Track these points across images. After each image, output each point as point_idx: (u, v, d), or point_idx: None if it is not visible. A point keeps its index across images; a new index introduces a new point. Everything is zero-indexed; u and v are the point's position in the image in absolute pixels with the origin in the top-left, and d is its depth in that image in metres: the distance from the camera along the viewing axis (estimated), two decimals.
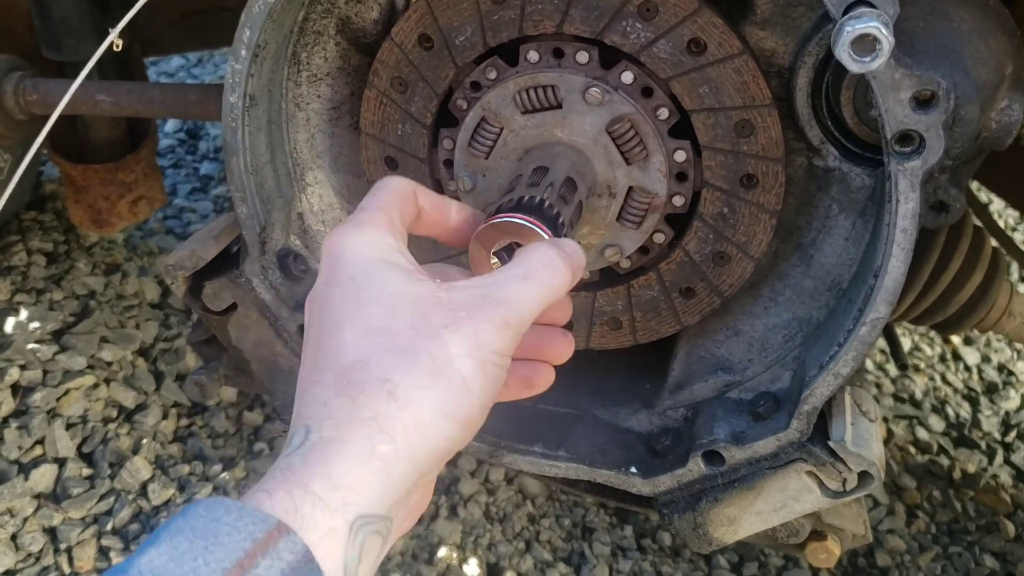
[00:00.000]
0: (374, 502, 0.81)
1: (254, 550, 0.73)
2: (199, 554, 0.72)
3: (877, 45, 0.96)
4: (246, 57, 1.25)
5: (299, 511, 0.78)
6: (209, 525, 0.74)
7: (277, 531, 0.75)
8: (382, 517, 0.82)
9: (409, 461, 0.84)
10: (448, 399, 0.86)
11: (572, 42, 1.26)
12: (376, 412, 0.84)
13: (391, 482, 0.83)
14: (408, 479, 0.84)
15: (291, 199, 1.46)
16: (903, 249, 1.11)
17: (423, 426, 0.85)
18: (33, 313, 2.41)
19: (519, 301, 0.92)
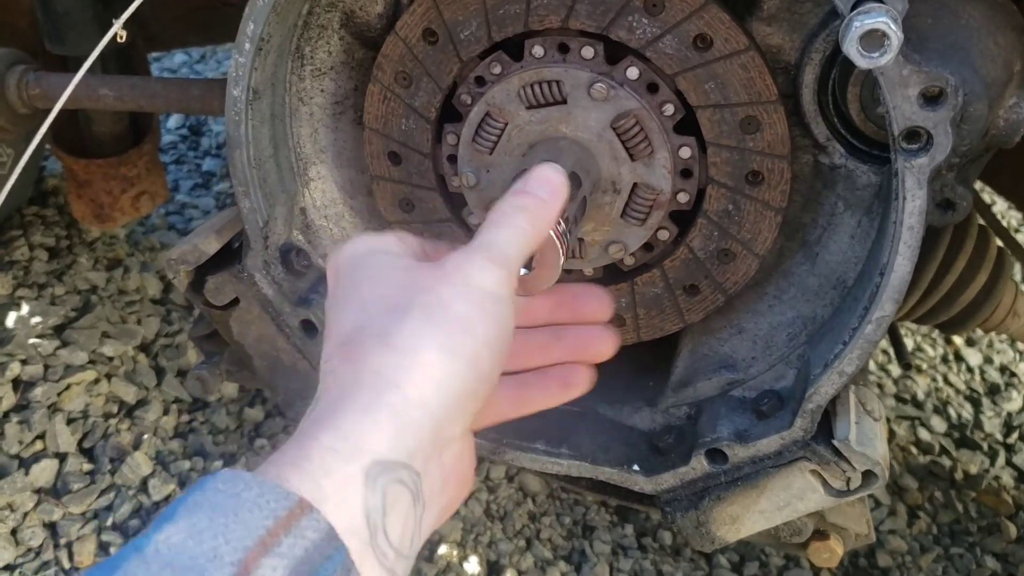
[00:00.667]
0: (391, 448, 0.80)
1: (276, 528, 0.71)
2: (219, 532, 0.70)
3: (886, 40, 0.95)
4: (250, 50, 1.24)
5: (311, 461, 0.77)
6: (229, 501, 0.72)
7: (299, 508, 0.72)
8: (403, 465, 0.80)
9: (421, 406, 0.83)
10: (448, 338, 0.86)
11: (577, 37, 1.25)
12: (378, 365, 0.84)
13: (405, 427, 0.81)
14: (424, 424, 0.83)
15: (294, 194, 1.45)
16: (909, 247, 1.10)
17: (428, 368, 0.84)
18: (35, 308, 2.40)
19: (497, 243, 0.94)
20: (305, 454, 0.77)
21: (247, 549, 0.69)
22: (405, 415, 0.82)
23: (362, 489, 0.76)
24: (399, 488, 0.79)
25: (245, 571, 0.68)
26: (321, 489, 0.75)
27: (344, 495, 0.76)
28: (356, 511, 0.76)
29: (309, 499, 0.73)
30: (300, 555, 0.70)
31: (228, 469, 0.75)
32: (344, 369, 0.86)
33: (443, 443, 0.86)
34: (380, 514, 0.77)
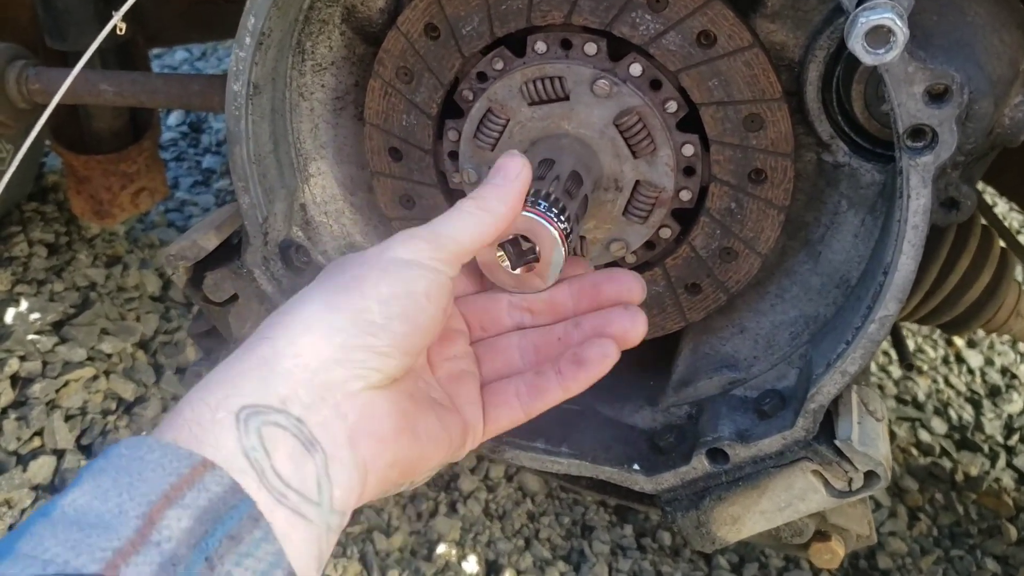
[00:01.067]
0: (258, 393, 0.81)
1: (180, 483, 0.72)
2: (123, 490, 0.71)
3: (891, 37, 0.94)
4: (250, 45, 1.23)
5: (182, 415, 0.79)
6: (132, 464, 0.74)
7: (203, 466, 0.74)
8: (275, 409, 0.81)
9: (292, 357, 0.84)
10: (333, 295, 0.89)
11: (580, 33, 1.24)
12: (262, 327, 0.90)
13: (274, 374, 0.83)
14: (295, 372, 0.84)
15: (294, 190, 1.45)
16: (914, 246, 1.09)
17: (305, 319, 0.87)
18: (33, 304, 2.40)
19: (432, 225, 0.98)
20: (178, 410, 0.80)
21: (151, 503, 0.71)
22: (275, 364, 0.83)
23: (235, 431, 0.78)
24: (276, 430, 0.80)
25: (150, 523, 0.70)
26: (196, 437, 0.77)
27: (218, 438, 0.77)
28: (234, 450, 0.77)
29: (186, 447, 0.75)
30: (204, 505, 0.72)
31: (132, 436, 0.77)
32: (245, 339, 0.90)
33: (335, 395, 0.86)
34: (262, 453, 0.78)
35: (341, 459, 0.85)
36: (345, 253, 1.51)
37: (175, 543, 0.70)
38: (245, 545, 0.73)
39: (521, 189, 1.04)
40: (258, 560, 0.73)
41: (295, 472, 0.80)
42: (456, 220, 0.99)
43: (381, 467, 0.90)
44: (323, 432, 0.83)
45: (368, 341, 0.88)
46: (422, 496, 2.21)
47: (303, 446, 0.81)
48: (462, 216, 1.00)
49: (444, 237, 0.97)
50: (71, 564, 0.66)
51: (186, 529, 0.71)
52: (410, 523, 2.14)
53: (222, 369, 0.85)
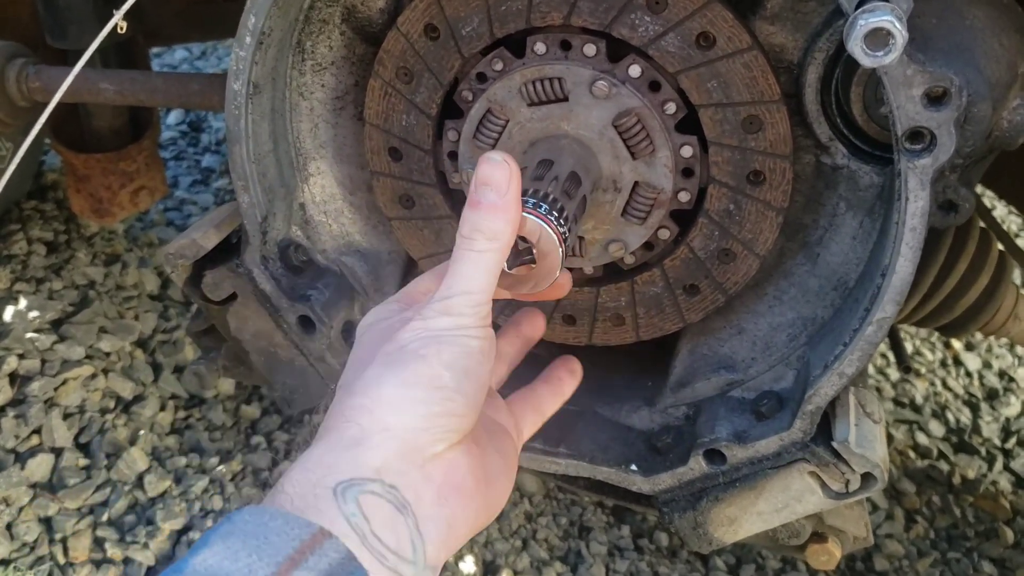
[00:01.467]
0: (353, 470, 0.88)
1: (303, 548, 0.79)
2: (252, 552, 0.78)
3: (891, 39, 0.95)
4: (250, 44, 1.24)
5: (284, 492, 0.86)
6: (258, 529, 0.80)
7: (321, 534, 0.81)
8: (369, 480, 0.88)
9: (382, 432, 0.92)
10: (402, 373, 0.96)
11: (580, 34, 1.24)
12: (342, 409, 0.96)
13: (367, 451, 0.90)
14: (385, 444, 0.91)
15: (293, 189, 1.45)
16: (912, 248, 1.09)
17: (386, 400, 0.94)
18: (32, 302, 2.39)
19: (459, 280, 1.01)
20: (281, 489, 0.88)
21: (278, 563, 0.78)
22: (366, 442, 0.91)
23: (333, 501, 0.85)
24: (372, 498, 0.87)
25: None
26: (299, 509, 0.84)
27: (319, 509, 0.85)
28: (335, 517, 0.84)
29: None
30: (326, 568, 0.79)
31: (253, 505, 0.84)
32: (324, 423, 0.97)
33: (422, 459, 0.93)
34: (361, 519, 0.85)
35: (431, 517, 0.92)
36: (344, 253, 1.52)
37: None
38: None
39: (516, 197, 1.04)
40: None
41: (392, 534, 0.87)
42: (476, 266, 1.02)
43: (469, 517, 0.97)
44: (413, 494, 0.90)
45: (448, 407, 0.95)
46: None
47: (396, 509, 0.88)
48: (479, 259, 1.02)
49: (473, 293, 1.01)
50: None
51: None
52: None
53: (317, 451, 0.92)
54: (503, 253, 1.03)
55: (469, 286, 1.01)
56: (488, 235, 1.01)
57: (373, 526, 0.85)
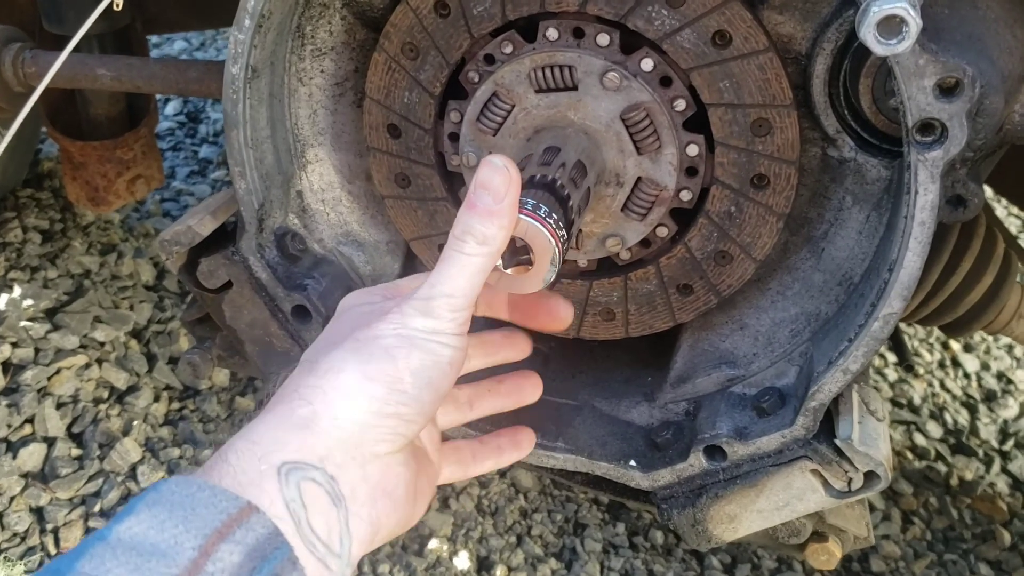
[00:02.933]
0: (299, 451, 0.89)
1: (230, 521, 0.79)
2: (179, 522, 0.78)
3: (904, 27, 0.93)
4: (249, 27, 1.22)
5: (228, 463, 0.86)
6: (185, 499, 0.80)
7: (248, 508, 0.81)
8: (312, 466, 0.89)
9: (330, 419, 0.92)
10: (369, 365, 0.95)
11: (594, 23, 1.22)
12: (298, 385, 0.96)
13: (313, 435, 0.91)
14: (332, 434, 0.92)
15: (291, 176, 1.43)
16: (920, 242, 1.08)
17: (343, 388, 0.94)
18: (27, 290, 2.38)
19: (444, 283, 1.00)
20: (223, 459, 0.87)
21: (205, 536, 0.78)
22: (315, 426, 0.91)
23: (276, 482, 0.85)
24: (313, 486, 0.88)
25: (205, 553, 0.77)
26: (240, 484, 0.84)
27: (263, 485, 0.85)
28: (276, 498, 0.85)
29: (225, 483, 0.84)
30: (252, 543, 0.79)
31: (179, 475, 0.84)
32: (275, 396, 0.97)
33: (363, 457, 0.93)
34: (300, 506, 0.86)
35: (360, 515, 0.92)
36: (342, 242, 1.50)
37: (228, 575, 0.77)
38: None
39: (513, 204, 1.02)
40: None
41: (325, 525, 0.87)
42: (463, 270, 1.01)
43: (391, 525, 0.98)
44: (349, 489, 0.91)
45: (399, 410, 0.95)
46: None
47: (332, 501, 0.89)
48: (466, 262, 1.01)
49: (456, 297, 1.00)
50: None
51: (237, 563, 0.78)
52: None
53: (265, 424, 0.92)
54: (492, 259, 1.02)
55: (452, 289, 1.00)
56: (479, 239, 1.00)
57: (310, 515, 0.86)
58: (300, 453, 0.89)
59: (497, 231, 1.00)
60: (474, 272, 1.00)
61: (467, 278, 1.00)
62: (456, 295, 1.00)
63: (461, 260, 1.00)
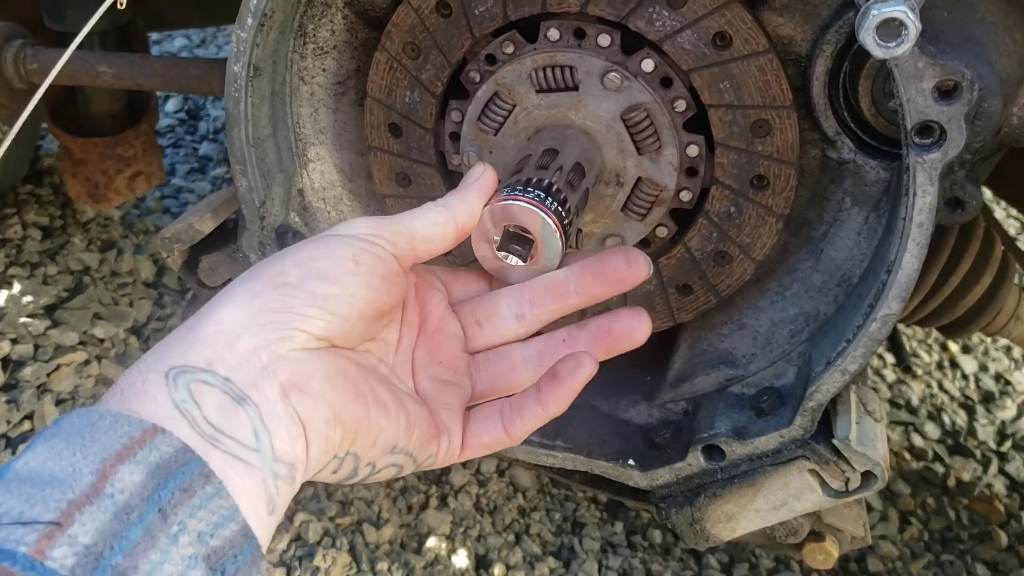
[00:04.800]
0: (184, 355, 0.84)
1: (132, 444, 0.75)
2: (76, 450, 0.74)
3: (903, 30, 0.93)
4: (252, 25, 1.22)
5: (116, 384, 0.82)
6: (84, 428, 0.76)
7: (153, 430, 0.76)
8: (201, 369, 0.83)
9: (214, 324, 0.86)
10: (256, 268, 0.92)
11: (595, 23, 1.23)
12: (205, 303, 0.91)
13: (197, 340, 0.85)
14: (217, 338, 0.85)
15: (292, 175, 1.43)
16: (918, 244, 1.08)
17: (228, 293, 0.90)
18: (26, 287, 2.38)
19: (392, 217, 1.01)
20: (113, 386, 0.83)
21: (104, 460, 0.73)
22: (198, 330, 0.86)
23: (164, 387, 0.80)
24: (204, 387, 0.82)
25: (103, 477, 0.72)
26: (127, 399, 0.80)
27: (148, 394, 0.80)
28: (165, 402, 0.79)
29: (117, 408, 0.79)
30: (156, 461, 0.75)
31: (80, 407, 0.81)
32: None
33: (262, 357, 0.86)
34: (192, 404, 0.80)
35: (276, 412, 0.85)
36: None
37: (128, 495, 0.72)
38: (198, 498, 0.76)
39: (481, 188, 1.06)
40: (211, 512, 0.76)
41: (227, 420, 0.81)
42: (410, 214, 1.02)
43: (318, 421, 0.88)
44: (252, 389, 0.84)
45: (285, 302, 0.89)
46: (412, 489, 2.20)
47: (233, 400, 0.83)
48: (417, 211, 1.03)
49: (392, 222, 0.99)
50: (25, 515, 0.68)
51: (139, 483, 0.73)
52: (400, 516, 2.13)
53: (152, 349, 0.87)
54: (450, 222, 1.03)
55: (396, 219, 1.01)
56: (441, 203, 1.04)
57: (204, 410, 0.81)
58: (185, 358, 0.83)
59: (457, 201, 1.04)
60: (423, 216, 1.02)
61: (413, 215, 1.01)
62: (393, 220, 1.00)
63: (417, 209, 1.03)
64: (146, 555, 0.70)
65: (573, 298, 1.08)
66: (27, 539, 0.67)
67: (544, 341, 1.10)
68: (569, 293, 1.08)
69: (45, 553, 0.66)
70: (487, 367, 1.11)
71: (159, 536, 0.72)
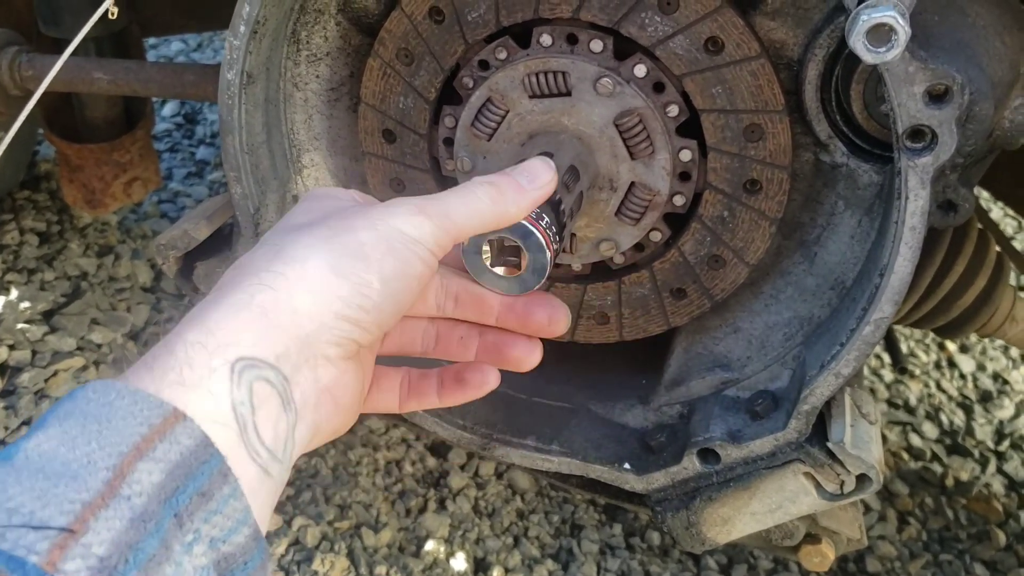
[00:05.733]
0: (255, 345, 0.80)
1: (151, 435, 0.70)
2: (92, 438, 0.69)
3: (893, 35, 0.94)
4: (245, 33, 1.22)
5: (175, 356, 0.77)
6: (101, 410, 0.71)
7: (174, 416, 0.72)
8: (269, 365, 0.80)
9: (291, 312, 0.83)
10: (340, 259, 0.87)
11: (587, 29, 1.23)
12: (260, 268, 0.86)
13: (273, 328, 0.82)
14: (290, 331, 0.83)
15: (286, 181, 1.43)
16: (911, 248, 1.08)
17: (308, 279, 0.85)
18: (24, 293, 2.38)
19: (440, 201, 0.95)
20: (170, 350, 0.77)
21: (121, 454, 0.68)
22: (275, 317, 0.82)
23: (227, 382, 0.76)
24: (266, 387, 0.79)
25: (120, 475, 0.68)
26: (184, 382, 0.75)
27: (210, 386, 0.76)
28: (223, 403, 0.76)
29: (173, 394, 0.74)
30: (176, 459, 0.70)
31: (99, 380, 0.74)
32: (230, 274, 0.87)
33: (316, 359, 0.86)
34: (248, 409, 0.77)
35: (306, 420, 0.85)
36: None
37: (146, 498, 0.68)
38: (215, 502, 0.72)
39: (540, 198, 1.03)
40: (226, 517, 0.73)
41: (272, 431, 0.80)
42: (466, 202, 0.98)
43: (328, 430, 0.90)
44: (299, 394, 0.84)
45: (359, 316, 0.88)
46: (411, 492, 2.20)
47: (283, 405, 0.81)
48: (472, 199, 0.98)
49: (449, 219, 0.95)
50: (37, 516, 0.64)
51: (157, 484, 0.69)
52: (399, 519, 2.13)
53: (220, 310, 0.82)
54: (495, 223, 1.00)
55: (451, 209, 0.96)
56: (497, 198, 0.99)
57: (257, 419, 0.78)
58: (256, 348, 0.80)
59: (513, 203, 1.00)
60: (478, 209, 0.97)
61: (467, 207, 0.97)
62: (450, 215, 0.95)
63: (470, 193, 0.98)
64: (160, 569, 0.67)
65: (491, 321, 1.09)
66: (39, 547, 0.63)
67: (446, 328, 1.11)
68: (490, 317, 1.08)
69: (57, 565, 0.62)
70: (393, 332, 1.09)
71: (173, 545, 0.69)
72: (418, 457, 2.29)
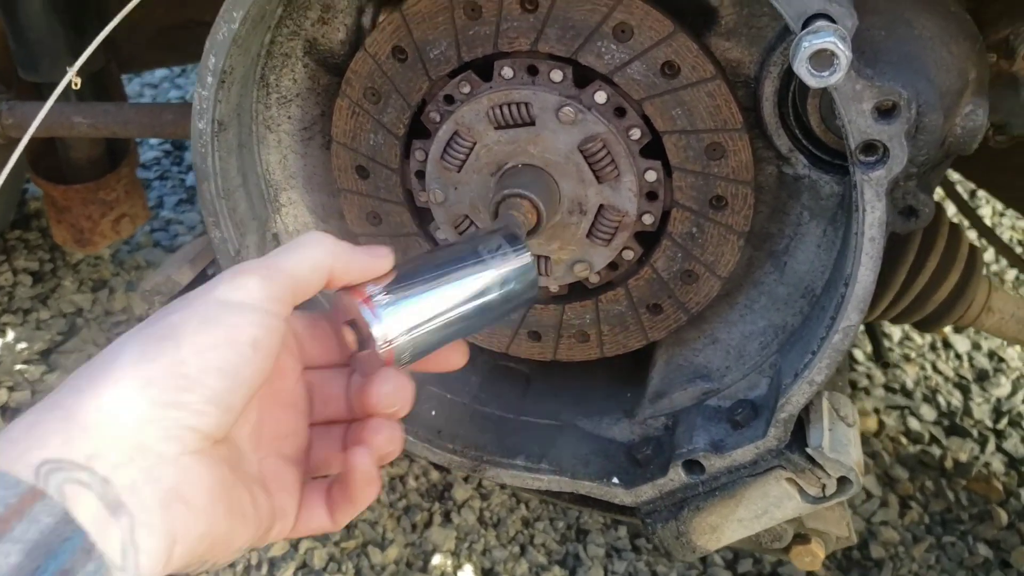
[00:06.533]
0: (61, 448, 0.74)
1: (8, 515, 0.68)
2: None
3: (835, 60, 0.96)
4: (212, 84, 1.24)
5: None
6: None
7: (31, 495, 0.70)
8: (80, 466, 0.74)
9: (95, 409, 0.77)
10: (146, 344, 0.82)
11: (547, 60, 1.25)
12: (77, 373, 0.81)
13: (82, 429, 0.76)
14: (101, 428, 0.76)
15: (265, 220, 1.46)
16: (871, 258, 1.11)
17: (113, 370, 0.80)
18: (20, 333, 2.41)
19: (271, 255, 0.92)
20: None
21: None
22: (82, 418, 0.76)
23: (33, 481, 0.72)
24: (79, 489, 0.73)
25: None
26: None
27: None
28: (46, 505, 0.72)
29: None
30: (35, 538, 0.68)
31: None
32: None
33: (149, 457, 0.78)
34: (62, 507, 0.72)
35: (150, 525, 0.77)
36: None
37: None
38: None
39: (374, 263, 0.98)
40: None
41: (97, 533, 0.73)
42: (294, 250, 0.93)
43: (192, 539, 0.81)
44: (130, 495, 0.76)
45: (182, 397, 0.80)
46: (416, 507, 2.22)
47: (107, 508, 0.74)
48: (302, 246, 0.93)
49: (278, 271, 0.90)
50: None
51: (15, 565, 0.66)
52: (405, 535, 2.15)
53: (24, 419, 0.77)
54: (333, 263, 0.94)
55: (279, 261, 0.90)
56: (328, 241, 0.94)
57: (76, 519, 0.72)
58: (62, 450, 0.74)
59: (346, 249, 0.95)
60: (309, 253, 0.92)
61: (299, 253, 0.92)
62: (278, 267, 0.89)
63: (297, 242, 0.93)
64: None
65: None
66: None
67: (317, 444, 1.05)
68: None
69: None
70: (319, 441, 1.05)
71: None
72: (421, 471, 2.31)
